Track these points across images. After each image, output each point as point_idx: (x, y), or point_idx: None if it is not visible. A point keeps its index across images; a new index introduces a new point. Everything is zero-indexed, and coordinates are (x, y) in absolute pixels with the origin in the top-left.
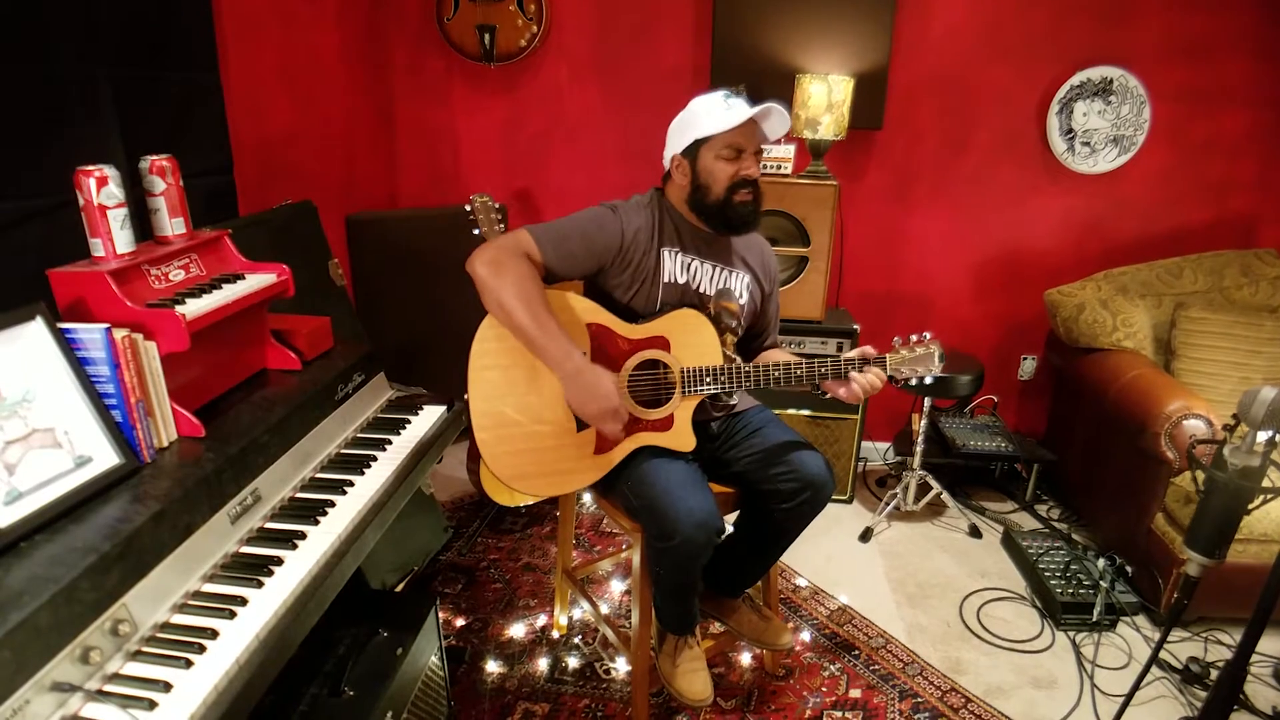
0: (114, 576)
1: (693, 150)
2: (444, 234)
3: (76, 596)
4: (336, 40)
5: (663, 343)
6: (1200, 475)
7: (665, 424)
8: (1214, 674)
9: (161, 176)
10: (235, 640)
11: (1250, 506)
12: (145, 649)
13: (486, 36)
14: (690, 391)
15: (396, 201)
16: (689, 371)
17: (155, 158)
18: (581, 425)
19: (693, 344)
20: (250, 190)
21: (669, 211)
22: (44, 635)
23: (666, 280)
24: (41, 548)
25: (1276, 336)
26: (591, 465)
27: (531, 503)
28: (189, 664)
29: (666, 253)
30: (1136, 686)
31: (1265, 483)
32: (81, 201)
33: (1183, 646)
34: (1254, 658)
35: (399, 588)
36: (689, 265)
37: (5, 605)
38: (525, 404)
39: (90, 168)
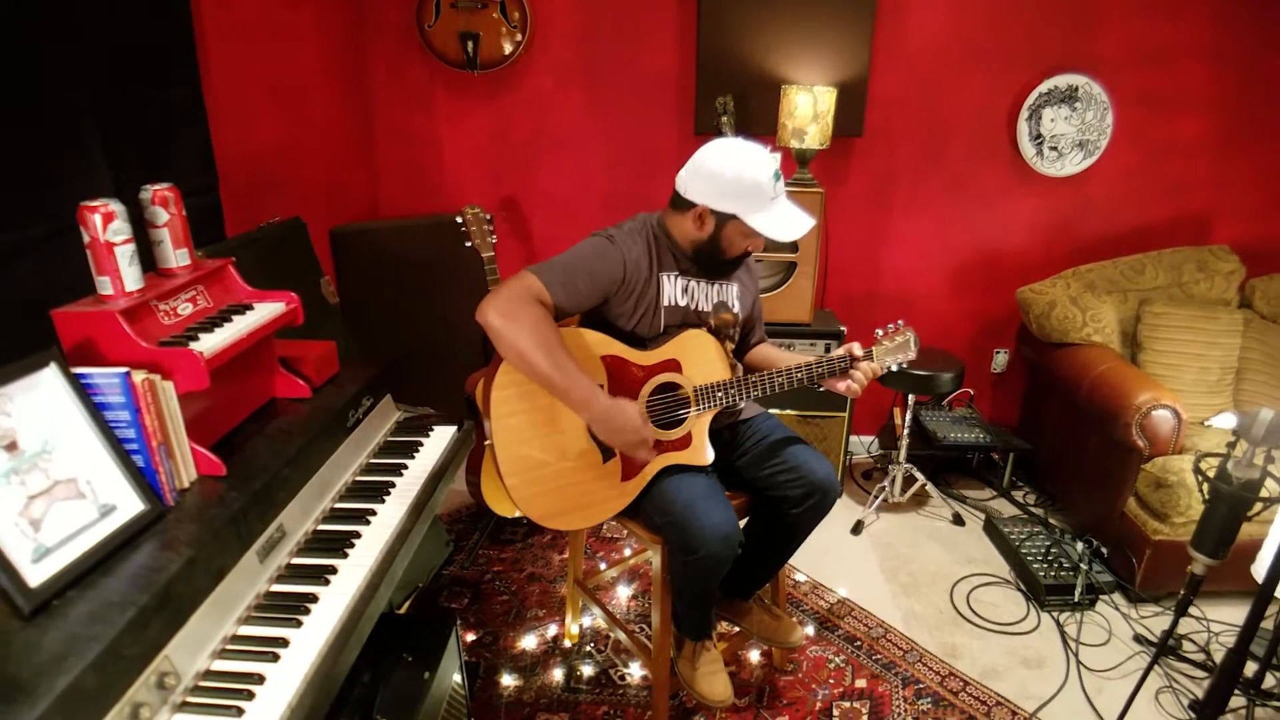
0: (154, 628)
1: (726, 216)
2: (431, 243)
3: (120, 653)
4: (316, 49)
5: (674, 365)
6: (1206, 487)
7: (684, 442)
8: (1185, 645)
9: (164, 207)
10: (284, 683)
11: (1250, 514)
12: (192, 699)
13: (470, 44)
14: (704, 408)
15: (379, 212)
16: (701, 389)
17: (157, 187)
18: (607, 455)
19: (701, 362)
20: (235, 207)
21: (665, 240)
22: (92, 697)
23: (668, 304)
24: (75, 604)
25: (1231, 328)
26: (620, 493)
27: None
28: (240, 712)
29: (665, 277)
30: (1141, 682)
31: (1263, 493)
32: (87, 238)
33: (1157, 620)
34: (1219, 628)
35: (404, 606)
36: (687, 287)
37: (49, 669)
38: (550, 444)
39: (95, 203)
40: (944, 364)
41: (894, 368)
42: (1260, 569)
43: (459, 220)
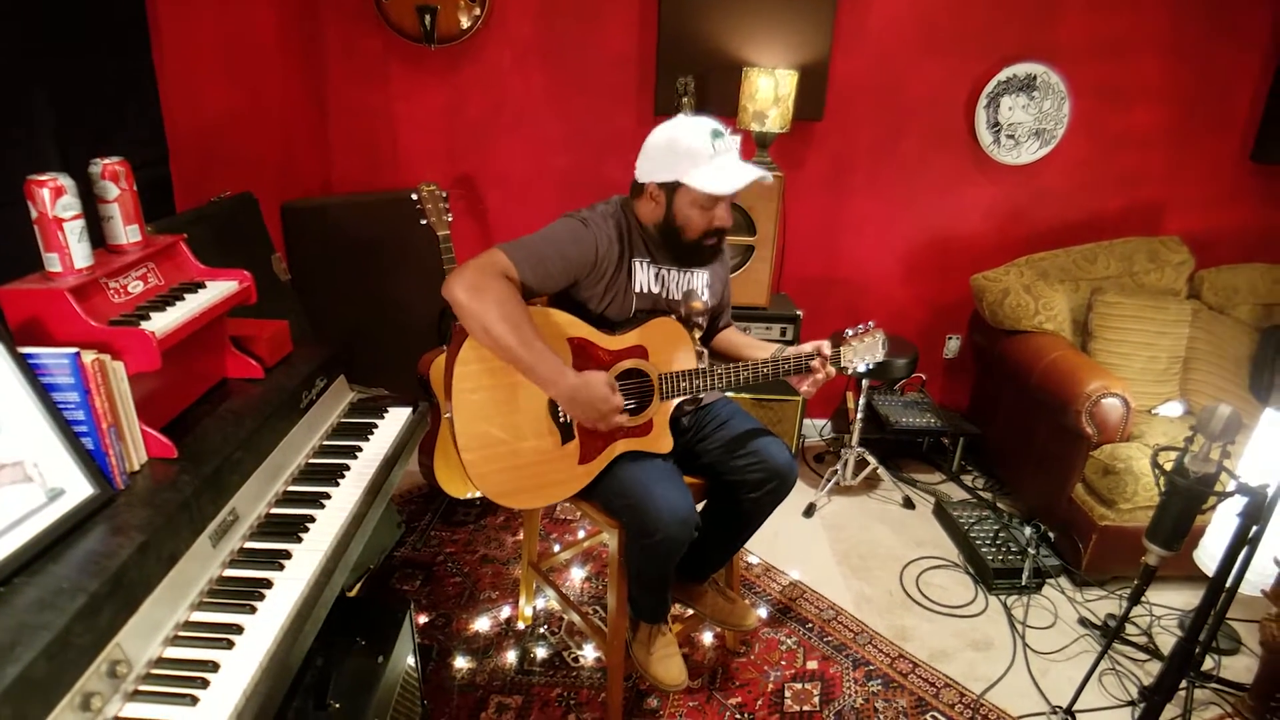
0: (105, 616)
1: (671, 187)
2: (385, 220)
3: (71, 641)
4: (270, 18)
5: (641, 351)
6: (1163, 480)
7: (645, 429)
8: (1128, 628)
9: (115, 182)
10: (239, 671)
11: (1204, 507)
12: (144, 688)
13: (427, 17)
14: (668, 396)
15: (331, 187)
16: (666, 378)
17: (108, 162)
18: (566, 438)
19: (668, 350)
20: (184, 181)
21: (636, 225)
22: (43, 687)
23: (639, 290)
24: (23, 592)
25: (1179, 318)
26: (577, 475)
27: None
28: (195, 700)
29: (637, 263)
30: (1093, 669)
31: (1217, 487)
32: (34, 214)
33: (1101, 604)
34: (1161, 611)
35: (355, 589)
36: (659, 274)
37: None
38: (510, 422)
39: (43, 177)
40: (897, 349)
41: (862, 368)
42: (1204, 556)
43: (414, 197)
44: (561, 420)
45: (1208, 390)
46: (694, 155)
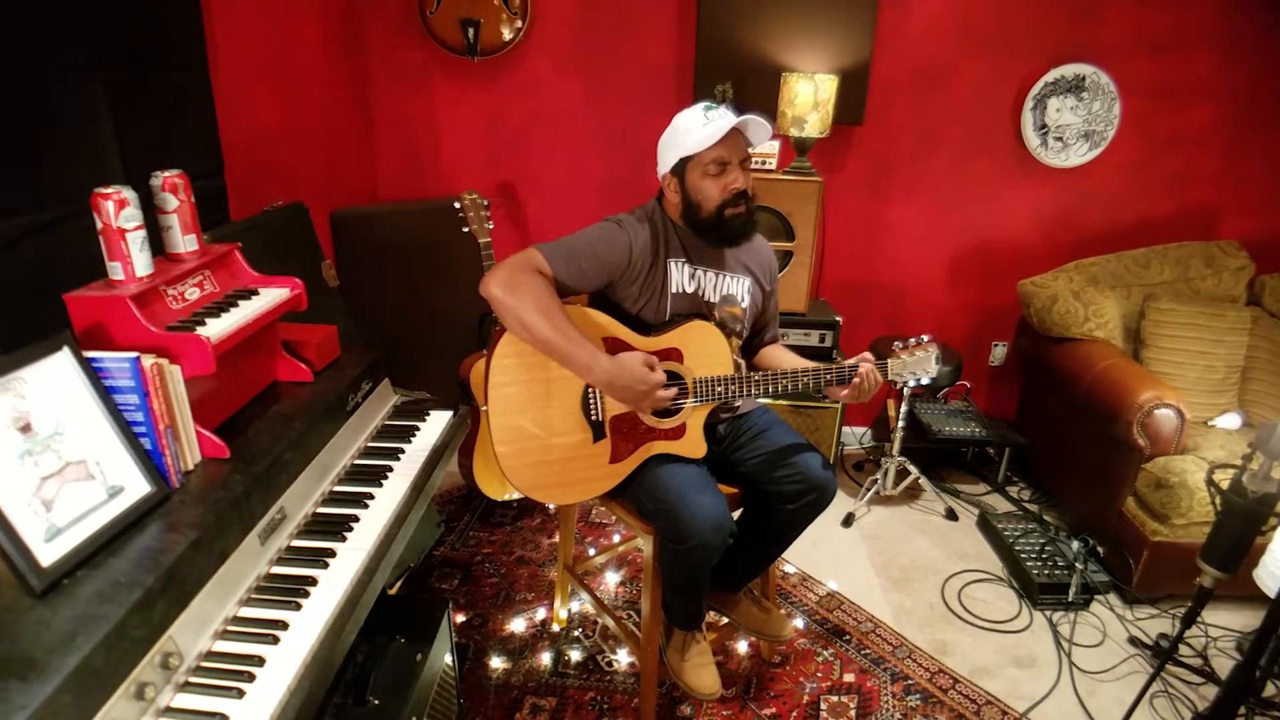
0: (160, 609)
1: (680, 168)
2: (428, 228)
3: (127, 633)
4: (318, 33)
5: (676, 354)
6: (1219, 499)
7: (678, 432)
8: (1182, 649)
9: (174, 193)
10: (283, 666)
11: (1264, 529)
12: (194, 680)
13: (471, 30)
14: (702, 400)
15: (377, 196)
16: (701, 381)
17: (168, 174)
18: (598, 436)
19: (705, 354)
20: (238, 192)
21: (670, 224)
22: (100, 675)
23: (675, 291)
24: (84, 584)
25: (1238, 326)
26: (607, 473)
27: (521, 496)
28: (241, 694)
29: (672, 263)
30: (1144, 690)
31: (1278, 507)
32: (100, 225)
33: (1152, 623)
34: (1217, 631)
35: (395, 587)
36: (695, 275)
37: (60, 648)
38: (544, 418)
39: (108, 190)
40: (943, 359)
41: (912, 383)
42: (1264, 575)
43: (457, 205)
44: (593, 418)
45: (1268, 402)
46: (689, 129)
